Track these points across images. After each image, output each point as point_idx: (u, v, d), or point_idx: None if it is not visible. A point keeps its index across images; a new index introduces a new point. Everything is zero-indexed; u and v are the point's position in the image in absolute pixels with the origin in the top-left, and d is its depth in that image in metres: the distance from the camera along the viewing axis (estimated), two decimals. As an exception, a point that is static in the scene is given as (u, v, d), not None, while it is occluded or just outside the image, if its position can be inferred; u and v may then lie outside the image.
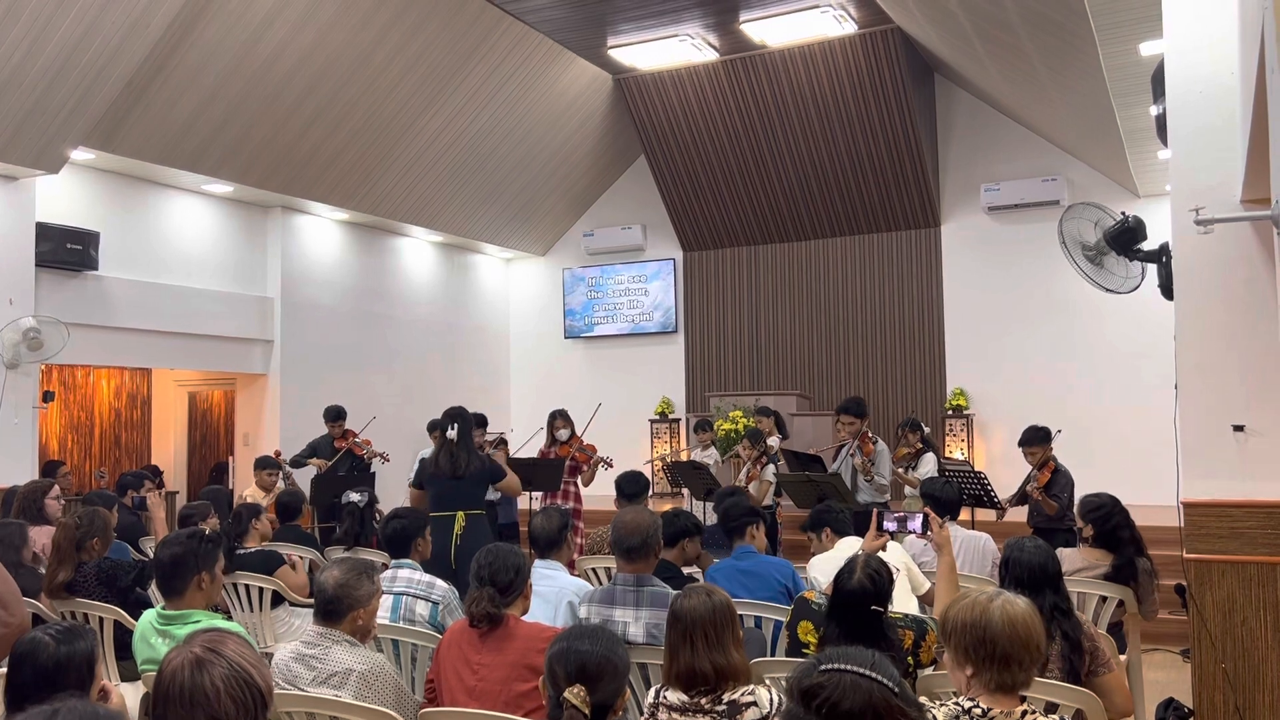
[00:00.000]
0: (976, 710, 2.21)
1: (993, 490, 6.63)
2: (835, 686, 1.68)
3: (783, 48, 10.21)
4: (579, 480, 7.65)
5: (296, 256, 10.34)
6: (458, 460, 5.50)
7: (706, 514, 7.34)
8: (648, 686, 3.08)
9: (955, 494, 5.20)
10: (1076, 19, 6.28)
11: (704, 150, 11.39)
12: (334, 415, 8.61)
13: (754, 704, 2.49)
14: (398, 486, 9.79)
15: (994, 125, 10.98)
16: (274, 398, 10.06)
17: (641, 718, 2.70)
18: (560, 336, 13.15)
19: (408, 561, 4.05)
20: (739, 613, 2.72)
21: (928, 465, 7.61)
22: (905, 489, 7.80)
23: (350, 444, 8.59)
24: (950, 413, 10.92)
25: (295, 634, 4.77)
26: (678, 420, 12.23)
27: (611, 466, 7.42)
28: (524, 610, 3.21)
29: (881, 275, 11.52)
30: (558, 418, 7.71)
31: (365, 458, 8.64)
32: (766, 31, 9.84)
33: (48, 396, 8.23)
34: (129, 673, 3.87)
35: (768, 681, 2.75)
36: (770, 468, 7.32)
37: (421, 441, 9.62)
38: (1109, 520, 4.41)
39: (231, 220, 9.85)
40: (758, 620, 3.90)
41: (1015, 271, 10.81)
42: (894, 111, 10.35)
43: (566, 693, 2.24)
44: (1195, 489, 3.95)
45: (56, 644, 2.29)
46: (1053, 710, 2.32)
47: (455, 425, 5.56)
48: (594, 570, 5.23)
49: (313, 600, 3.12)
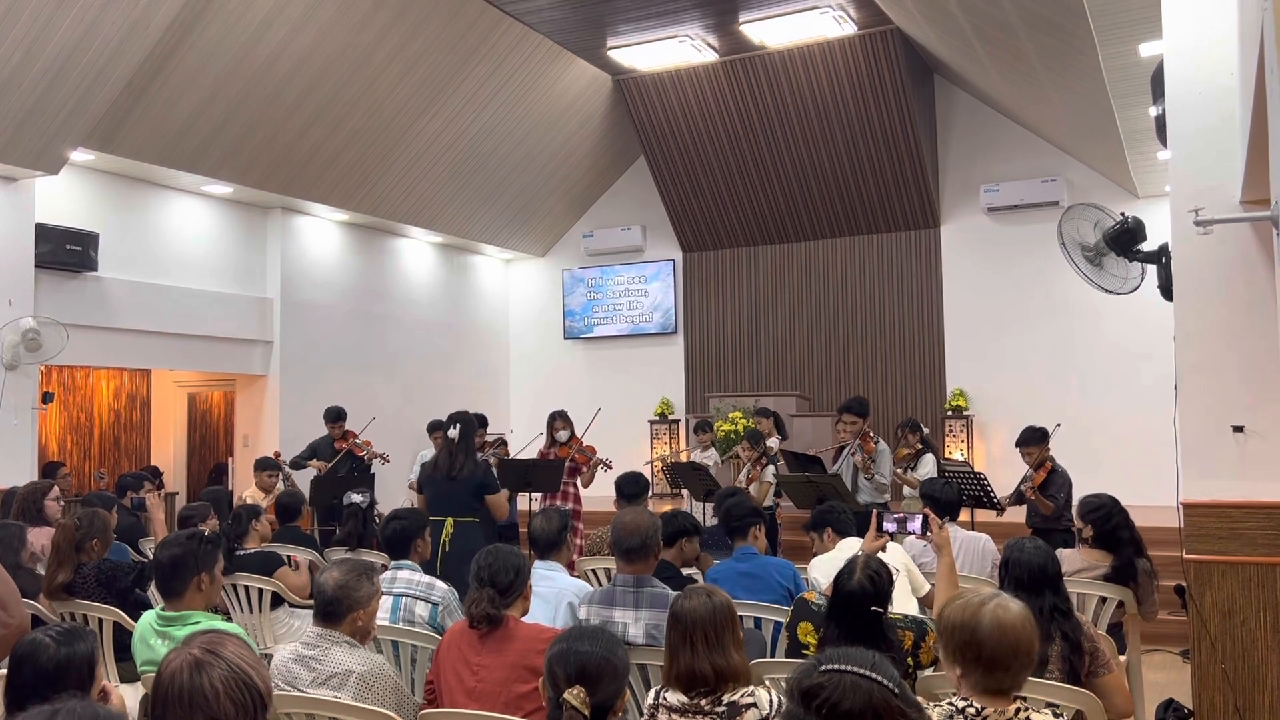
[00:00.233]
0: (970, 710, 2.21)
1: (992, 491, 6.63)
2: (835, 687, 1.68)
3: (782, 49, 10.21)
4: (578, 481, 7.64)
5: (296, 257, 10.34)
6: (454, 461, 5.51)
7: (706, 515, 7.35)
8: (647, 688, 3.08)
9: (955, 495, 5.21)
10: (1076, 20, 6.28)
11: (703, 151, 11.39)
12: (334, 416, 8.61)
13: (754, 705, 2.49)
14: (397, 487, 9.80)
15: (993, 126, 10.98)
16: (273, 399, 10.06)
17: (641, 719, 2.70)
18: (560, 337, 13.15)
19: (407, 563, 4.05)
20: (738, 614, 2.73)
21: (927, 466, 7.61)
22: (904, 490, 7.80)
23: (350, 445, 8.58)
24: (950, 413, 10.92)
25: (295, 635, 4.76)
26: (677, 421, 12.23)
27: (611, 468, 7.42)
28: (524, 611, 3.21)
29: (881, 276, 11.52)
30: (557, 419, 7.71)
31: (365, 459, 8.63)
32: (766, 32, 9.84)
33: (47, 398, 8.23)
34: (128, 674, 3.87)
35: (767, 682, 2.75)
36: (770, 469, 7.32)
37: (421, 442, 9.62)
38: (1109, 521, 4.41)
39: (231, 221, 9.85)
40: (757, 621, 3.89)
41: (1015, 272, 10.81)
42: (893, 112, 10.35)
43: (566, 694, 2.24)
44: (1195, 490, 3.95)
45: (56, 645, 2.29)
46: (1048, 708, 2.32)
47: (457, 426, 5.57)
48: (594, 571, 5.23)
49: (312, 601, 3.12)
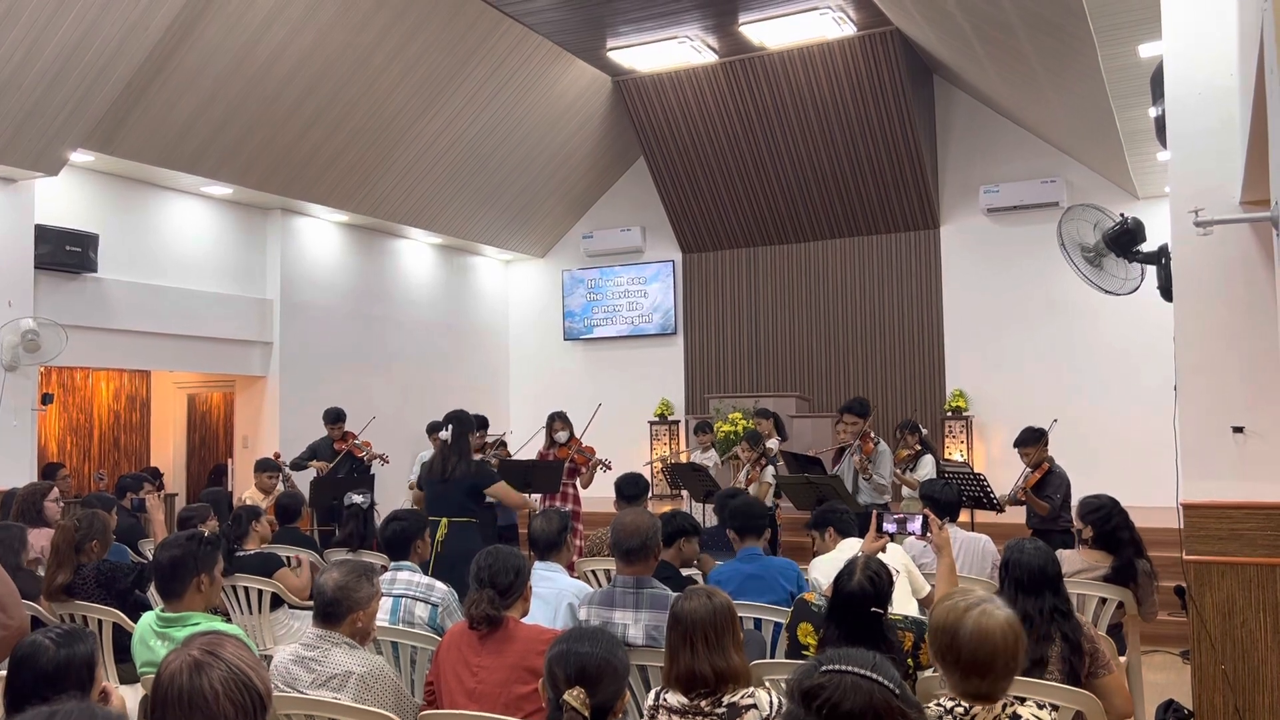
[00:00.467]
0: (959, 709, 2.21)
1: (992, 492, 6.63)
2: (836, 688, 1.69)
3: (782, 49, 10.21)
4: (578, 482, 7.64)
5: (296, 258, 10.34)
6: (447, 462, 5.51)
7: (706, 516, 7.35)
8: (647, 689, 3.08)
9: (954, 495, 5.21)
10: (1075, 20, 6.28)
11: (703, 152, 11.39)
12: (333, 417, 8.61)
13: (754, 706, 2.49)
14: (397, 488, 9.79)
15: (993, 127, 10.98)
16: (273, 400, 10.05)
17: (641, 720, 2.70)
18: (559, 338, 13.15)
19: (407, 564, 4.05)
20: (739, 615, 2.72)
21: (926, 467, 7.60)
22: (903, 490, 7.80)
23: (350, 446, 8.58)
24: (949, 414, 10.92)
25: (294, 636, 4.76)
26: (677, 422, 12.23)
27: (610, 468, 7.41)
28: (523, 612, 3.21)
29: (881, 277, 11.52)
30: (556, 419, 7.70)
31: (365, 460, 8.63)
32: (765, 33, 9.84)
33: (47, 399, 8.22)
34: (128, 675, 3.86)
35: (767, 684, 2.75)
36: (769, 469, 7.32)
37: (421, 443, 9.62)
38: (1109, 522, 4.41)
39: (231, 222, 9.85)
40: (757, 622, 3.89)
41: (1014, 273, 10.81)
42: (893, 113, 10.35)
43: (566, 695, 2.24)
44: (1195, 490, 3.95)
45: (56, 647, 2.29)
46: (1041, 707, 2.32)
47: (450, 427, 5.57)
48: (593, 572, 5.23)
49: (312, 602, 3.12)
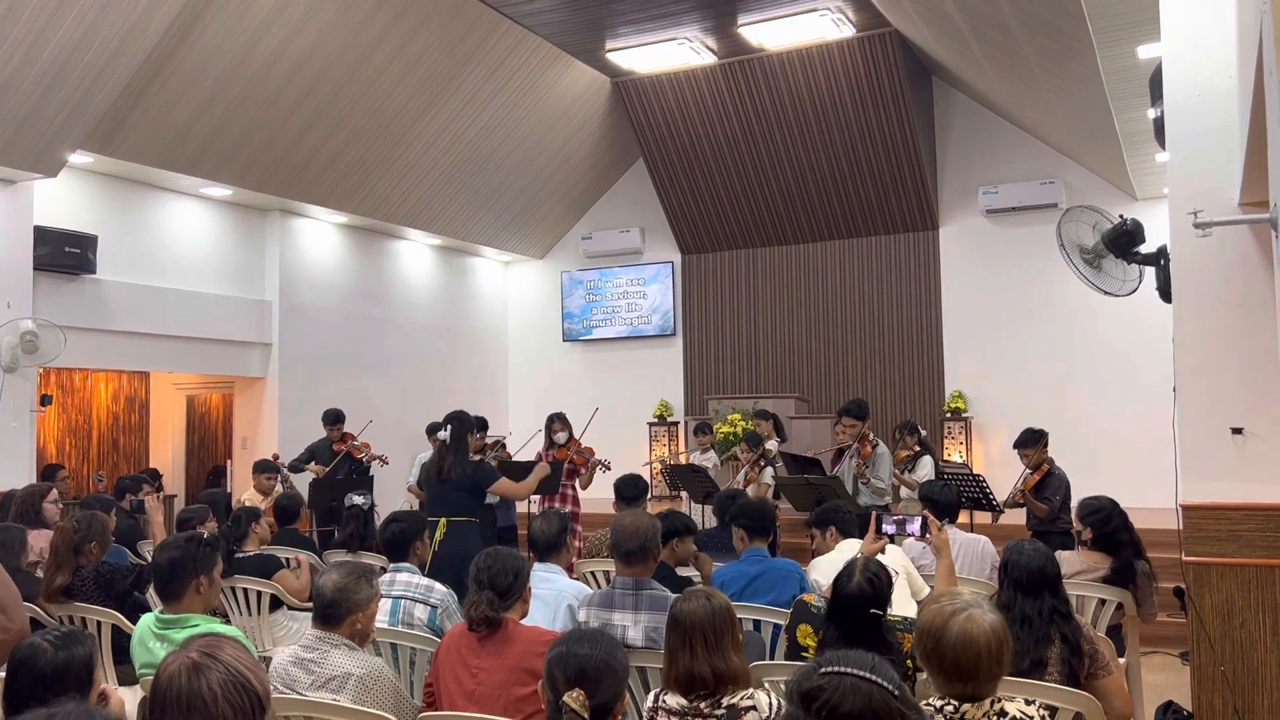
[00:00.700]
0: (949, 708, 2.21)
1: (991, 493, 6.63)
2: (835, 689, 1.69)
3: (781, 51, 10.22)
4: (577, 483, 7.64)
5: (295, 260, 10.33)
6: (444, 462, 5.52)
7: (706, 517, 7.35)
8: (647, 690, 3.08)
9: (954, 497, 5.21)
10: (1074, 22, 6.28)
11: (702, 153, 11.39)
12: (332, 419, 8.61)
13: (753, 708, 2.49)
14: (396, 489, 9.79)
15: (992, 128, 10.99)
16: (272, 401, 10.05)
17: (641, 721, 2.70)
18: (558, 339, 13.15)
19: (406, 565, 4.05)
20: (738, 616, 2.72)
21: (925, 468, 7.61)
22: (902, 491, 7.80)
23: (349, 447, 8.58)
24: (949, 415, 10.92)
25: (293, 638, 4.76)
26: (676, 423, 12.22)
27: (609, 469, 7.41)
28: (523, 614, 3.21)
29: (880, 278, 11.52)
30: (555, 420, 7.71)
31: (364, 461, 8.63)
32: (764, 35, 9.84)
33: (45, 400, 8.22)
34: (127, 677, 3.86)
35: (767, 685, 2.75)
36: (769, 470, 7.32)
37: (420, 444, 9.61)
38: (1108, 523, 4.41)
39: (230, 223, 9.84)
40: (756, 623, 3.89)
41: (1013, 274, 10.81)
42: (892, 114, 10.35)
43: (566, 696, 2.24)
44: (1194, 491, 3.95)
45: (55, 649, 2.29)
46: (1029, 703, 2.32)
47: (449, 427, 5.57)
48: (593, 573, 5.23)
49: (311, 604, 3.12)
